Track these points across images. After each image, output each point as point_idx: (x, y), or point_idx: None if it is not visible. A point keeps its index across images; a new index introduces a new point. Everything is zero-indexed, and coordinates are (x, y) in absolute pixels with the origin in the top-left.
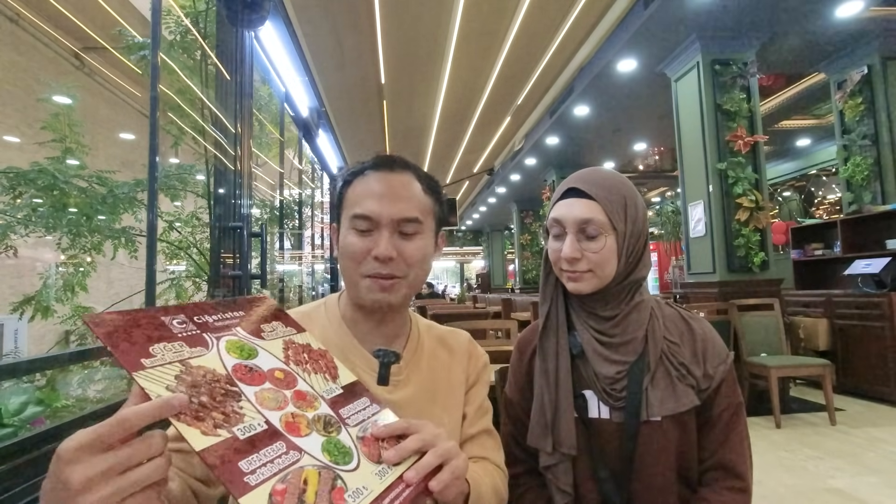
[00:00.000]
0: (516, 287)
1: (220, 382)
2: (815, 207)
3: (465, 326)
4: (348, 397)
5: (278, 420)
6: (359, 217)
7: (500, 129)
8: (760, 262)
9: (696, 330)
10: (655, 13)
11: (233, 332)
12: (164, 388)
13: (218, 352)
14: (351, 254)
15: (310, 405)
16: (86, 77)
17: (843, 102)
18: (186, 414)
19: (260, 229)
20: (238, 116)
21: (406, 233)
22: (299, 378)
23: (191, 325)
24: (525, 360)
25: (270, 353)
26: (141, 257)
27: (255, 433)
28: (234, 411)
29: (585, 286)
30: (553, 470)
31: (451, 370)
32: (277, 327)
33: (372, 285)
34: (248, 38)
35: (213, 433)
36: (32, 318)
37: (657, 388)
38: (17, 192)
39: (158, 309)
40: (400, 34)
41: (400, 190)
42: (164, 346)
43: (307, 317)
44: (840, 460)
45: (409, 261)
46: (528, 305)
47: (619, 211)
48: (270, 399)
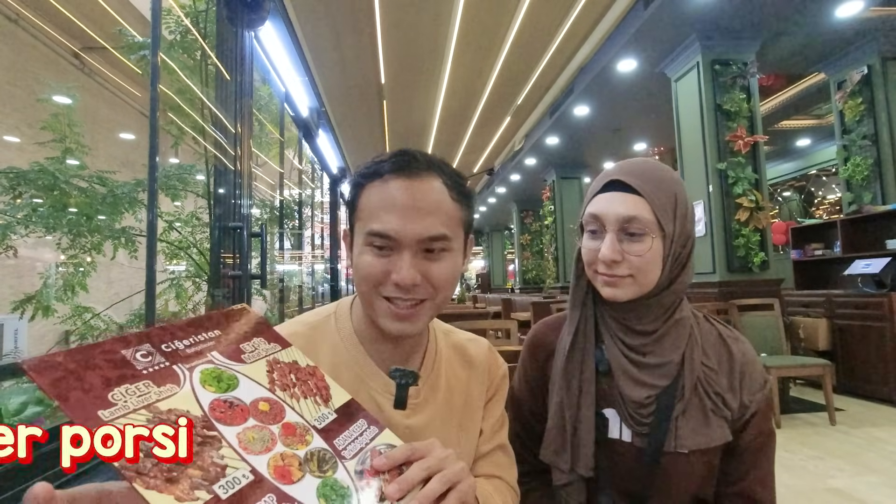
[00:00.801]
0: (516, 287)
1: (196, 428)
2: (815, 207)
3: (465, 326)
4: (343, 422)
5: (266, 466)
6: (376, 234)
7: (500, 129)
8: (760, 262)
9: (736, 354)
10: (655, 13)
11: (208, 358)
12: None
13: (192, 387)
14: (367, 275)
15: (301, 440)
16: (86, 77)
17: (843, 102)
18: (156, 477)
19: (260, 229)
20: (238, 116)
21: (432, 250)
22: (287, 407)
23: (157, 356)
24: (539, 360)
25: (253, 380)
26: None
27: (240, 488)
28: (214, 463)
29: (623, 293)
30: (567, 489)
31: (471, 386)
32: (259, 345)
33: (390, 312)
34: (248, 38)
35: (191, 497)
36: (33, 318)
37: (689, 419)
38: (17, 193)
39: (118, 340)
40: (400, 34)
41: (425, 202)
42: (127, 390)
43: (315, 330)
44: (840, 460)
45: (435, 283)
46: (527, 305)
47: (668, 209)
48: (256, 440)
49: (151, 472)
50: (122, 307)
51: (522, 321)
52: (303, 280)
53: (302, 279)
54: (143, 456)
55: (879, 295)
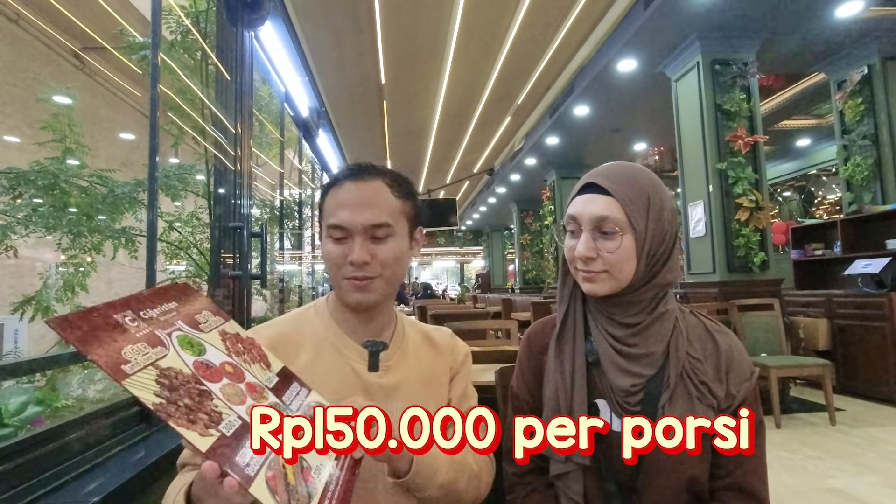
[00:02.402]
0: (516, 287)
1: (192, 383)
2: (815, 207)
3: (464, 326)
4: (284, 384)
5: (246, 414)
6: (333, 227)
7: (500, 129)
8: (760, 262)
9: (721, 345)
10: (655, 13)
11: (177, 326)
12: (153, 394)
13: (176, 350)
14: (329, 259)
15: (261, 396)
16: (86, 77)
17: (843, 102)
18: (181, 418)
19: (260, 229)
20: (238, 116)
21: (378, 237)
22: (245, 371)
23: (140, 322)
24: (534, 356)
25: (215, 347)
26: (141, 257)
27: (235, 429)
28: (214, 410)
29: (601, 288)
30: (564, 479)
31: (435, 362)
32: (209, 317)
33: (350, 286)
34: (248, 38)
35: (208, 434)
36: (33, 318)
37: (675, 407)
38: (16, 193)
39: (108, 305)
40: (400, 34)
41: (369, 198)
42: (132, 349)
43: (299, 316)
44: (840, 460)
45: (383, 262)
46: (527, 305)
47: (639, 208)
48: (233, 395)
49: (175, 415)
50: None
51: (522, 321)
52: (303, 280)
53: (302, 279)
54: (166, 402)
55: (879, 295)
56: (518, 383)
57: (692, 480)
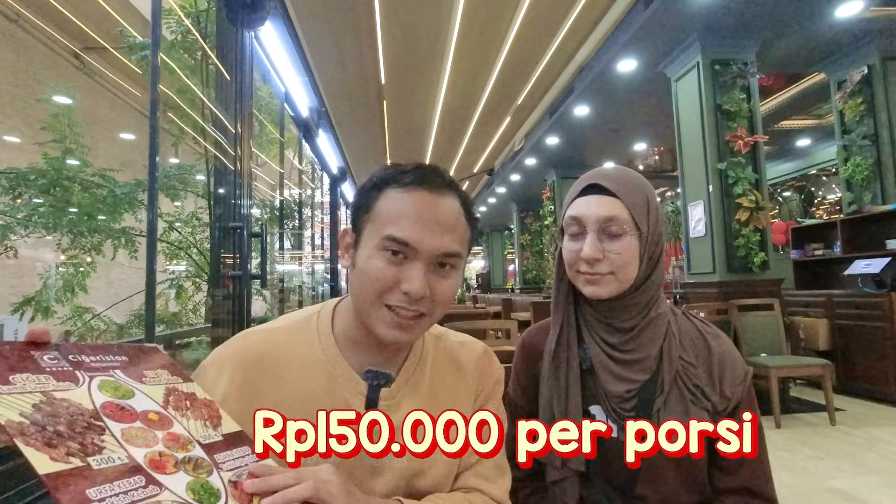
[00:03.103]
0: (516, 287)
1: (84, 416)
2: (815, 207)
3: (464, 326)
4: (228, 445)
5: (143, 457)
6: (394, 240)
7: (500, 129)
8: (760, 262)
9: (714, 349)
10: (655, 13)
11: (111, 374)
12: (18, 413)
13: (88, 389)
14: (375, 280)
15: (182, 447)
16: (86, 77)
17: (843, 102)
18: (36, 439)
19: (260, 229)
20: (238, 116)
21: (443, 267)
22: (175, 421)
23: (64, 362)
24: (530, 362)
25: (148, 397)
26: (141, 257)
27: (111, 465)
28: (93, 443)
29: (605, 290)
30: (560, 484)
31: (457, 392)
32: (162, 375)
33: (391, 321)
34: (248, 38)
35: (64, 460)
36: (33, 319)
37: (669, 411)
38: (16, 193)
39: (32, 344)
40: (400, 34)
41: (449, 219)
42: (27, 377)
43: (297, 326)
44: (840, 460)
45: (438, 300)
46: (527, 305)
47: (642, 210)
48: (138, 437)
49: (33, 436)
50: (122, 307)
51: (522, 321)
52: (303, 280)
53: (302, 279)
54: (29, 423)
55: (879, 295)
56: (515, 390)
57: (689, 485)
